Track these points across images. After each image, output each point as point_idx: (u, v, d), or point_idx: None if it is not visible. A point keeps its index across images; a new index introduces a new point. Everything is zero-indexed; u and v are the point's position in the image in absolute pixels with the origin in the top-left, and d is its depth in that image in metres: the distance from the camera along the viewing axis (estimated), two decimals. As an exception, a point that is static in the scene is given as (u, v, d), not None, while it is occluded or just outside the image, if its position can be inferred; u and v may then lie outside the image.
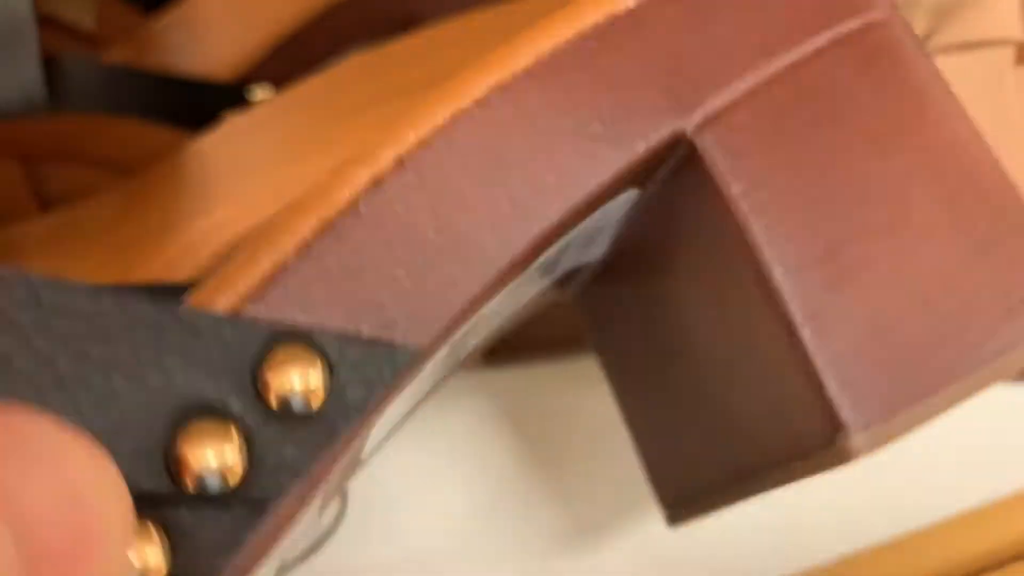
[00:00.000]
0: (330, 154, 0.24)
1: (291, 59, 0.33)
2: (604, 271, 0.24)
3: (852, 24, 0.19)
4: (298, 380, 0.15)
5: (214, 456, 0.15)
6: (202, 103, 0.30)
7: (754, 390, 0.19)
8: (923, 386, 0.17)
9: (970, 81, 0.28)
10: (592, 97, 0.18)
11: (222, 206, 0.24)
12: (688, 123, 0.18)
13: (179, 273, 0.24)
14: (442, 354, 0.19)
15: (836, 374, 0.17)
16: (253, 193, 0.24)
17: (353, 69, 0.27)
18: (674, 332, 0.22)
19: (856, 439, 0.17)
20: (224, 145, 0.27)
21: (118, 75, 0.30)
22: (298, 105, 0.27)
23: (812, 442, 0.18)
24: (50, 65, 0.28)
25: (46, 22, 0.34)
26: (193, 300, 0.17)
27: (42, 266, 0.26)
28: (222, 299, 0.16)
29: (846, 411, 0.17)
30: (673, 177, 0.19)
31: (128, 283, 0.23)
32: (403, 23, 0.34)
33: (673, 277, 0.22)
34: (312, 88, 0.27)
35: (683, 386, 0.23)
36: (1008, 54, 0.29)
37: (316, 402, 0.15)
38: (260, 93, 0.32)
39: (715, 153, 0.18)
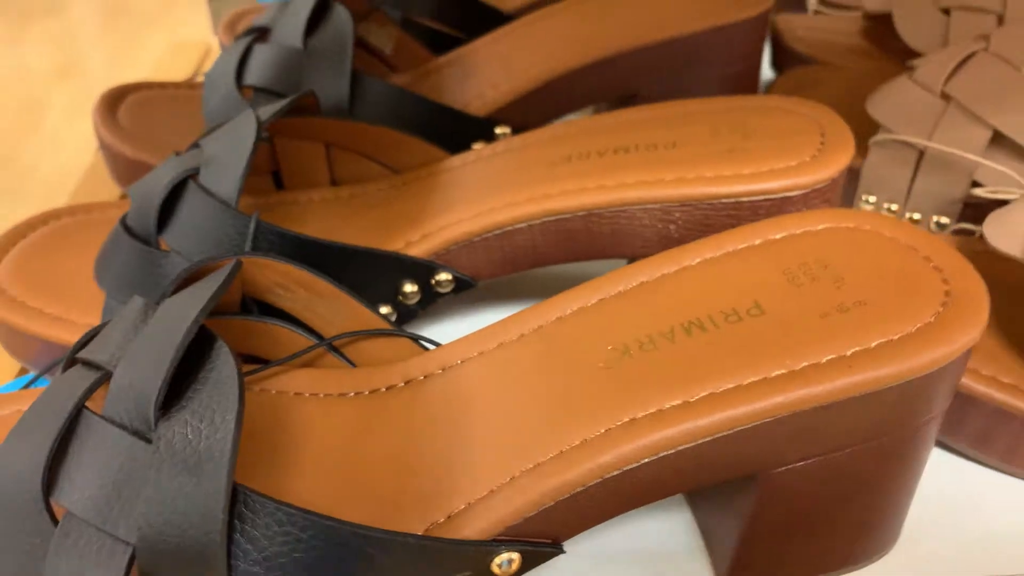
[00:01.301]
0: (537, 190, 0.32)
1: (529, 108, 0.42)
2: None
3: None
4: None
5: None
6: (458, 130, 0.40)
7: None
8: None
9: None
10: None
11: (459, 210, 0.33)
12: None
13: (415, 250, 0.33)
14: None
15: None
16: (482, 205, 0.33)
17: (572, 128, 0.35)
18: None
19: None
20: (470, 165, 0.36)
21: (401, 97, 0.39)
22: (525, 147, 0.35)
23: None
24: (355, 81, 0.39)
25: (358, 43, 0.45)
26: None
27: (321, 224, 0.36)
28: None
29: None
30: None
31: (378, 248, 0.32)
32: (621, 98, 0.43)
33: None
34: (538, 137, 0.35)
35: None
36: None
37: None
38: (500, 130, 0.41)
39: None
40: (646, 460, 0.22)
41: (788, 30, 0.53)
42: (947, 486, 0.30)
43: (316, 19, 0.40)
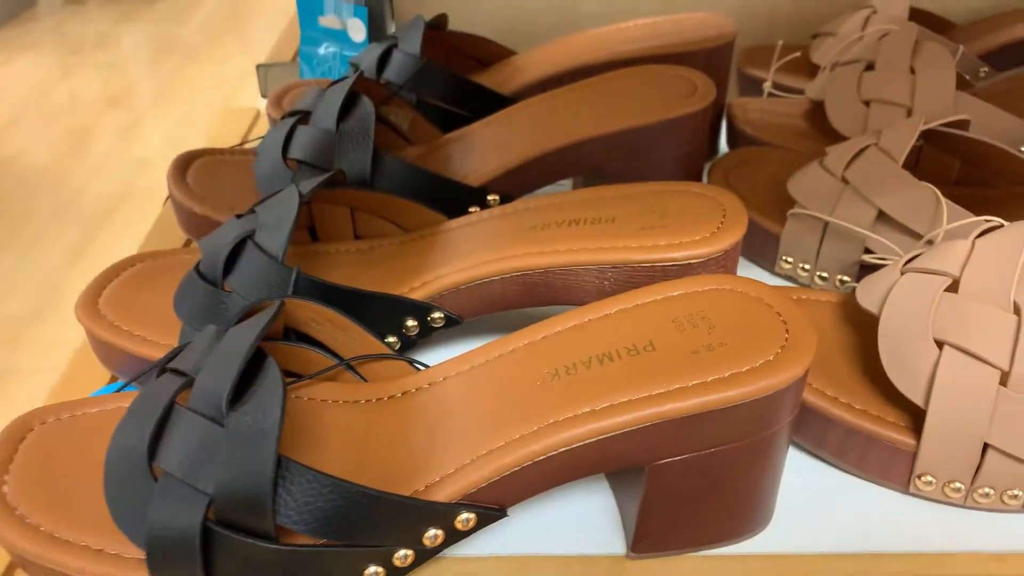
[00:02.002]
0: (508, 251, 0.42)
1: (515, 180, 0.52)
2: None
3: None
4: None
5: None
6: (457, 197, 0.50)
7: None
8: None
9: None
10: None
11: (451, 265, 0.43)
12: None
13: (417, 294, 0.43)
14: None
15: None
16: (468, 262, 0.43)
17: (541, 202, 0.45)
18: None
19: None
20: (462, 228, 0.46)
21: (411, 170, 0.50)
22: (504, 216, 0.45)
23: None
24: (375, 157, 0.49)
25: (380, 121, 0.55)
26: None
27: (345, 271, 0.47)
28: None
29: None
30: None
31: (388, 293, 0.42)
32: (590, 173, 0.53)
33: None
34: (514, 208, 0.46)
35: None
36: None
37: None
38: (491, 197, 0.51)
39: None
40: (563, 449, 0.32)
41: (740, 114, 0.63)
42: (814, 482, 0.39)
43: (347, 107, 0.50)
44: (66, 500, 0.34)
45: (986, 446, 0.36)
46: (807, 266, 0.50)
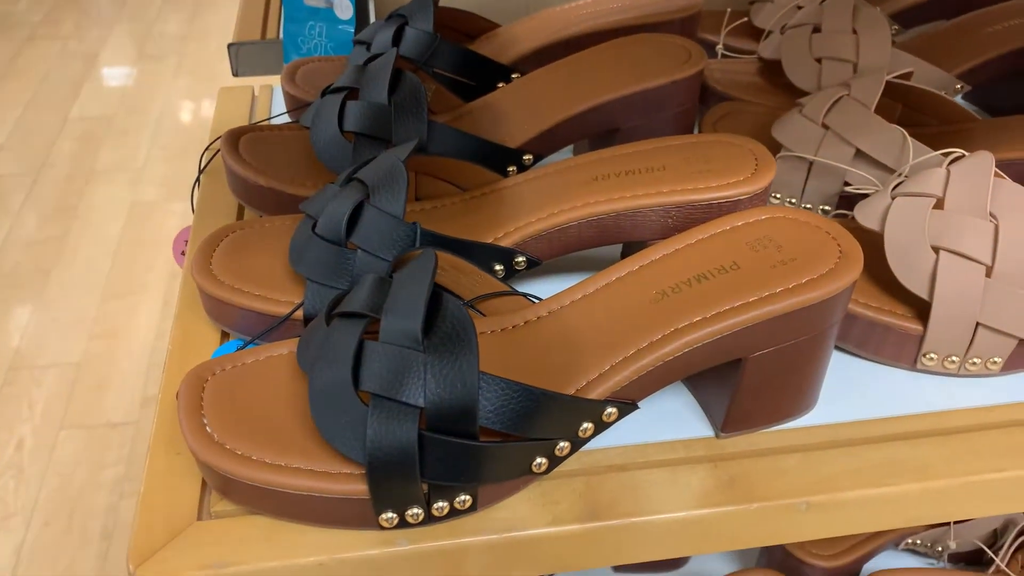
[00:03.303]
0: (579, 200, 0.49)
1: (544, 142, 0.59)
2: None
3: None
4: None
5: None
6: (499, 158, 0.56)
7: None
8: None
9: None
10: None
11: (527, 216, 0.50)
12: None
13: (504, 242, 0.50)
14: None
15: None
16: (542, 212, 0.50)
17: (593, 157, 0.53)
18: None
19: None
20: (526, 184, 0.53)
21: (460, 135, 0.56)
22: (565, 170, 0.53)
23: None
24: (429, 125, 0.55)
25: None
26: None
27: (432, 227, 0.53)
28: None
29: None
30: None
31: (482, 241, 0.49)
32: (607, 132, 0.60)
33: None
34: (574, 163, 0.53)
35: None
36: None
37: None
38: (526, 158, 0.58)
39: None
40: (686, 351, 0.40)
41: (709, 73, 0.72)
42: (844, 370, 0.49)
43: (394, 81, 0.56)
44: (261, 432, 0.40)
45: (977, 325, 0.46)
46: (793, 200, 0.60)
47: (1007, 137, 0.60)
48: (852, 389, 0.48)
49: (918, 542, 0.75)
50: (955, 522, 0.72)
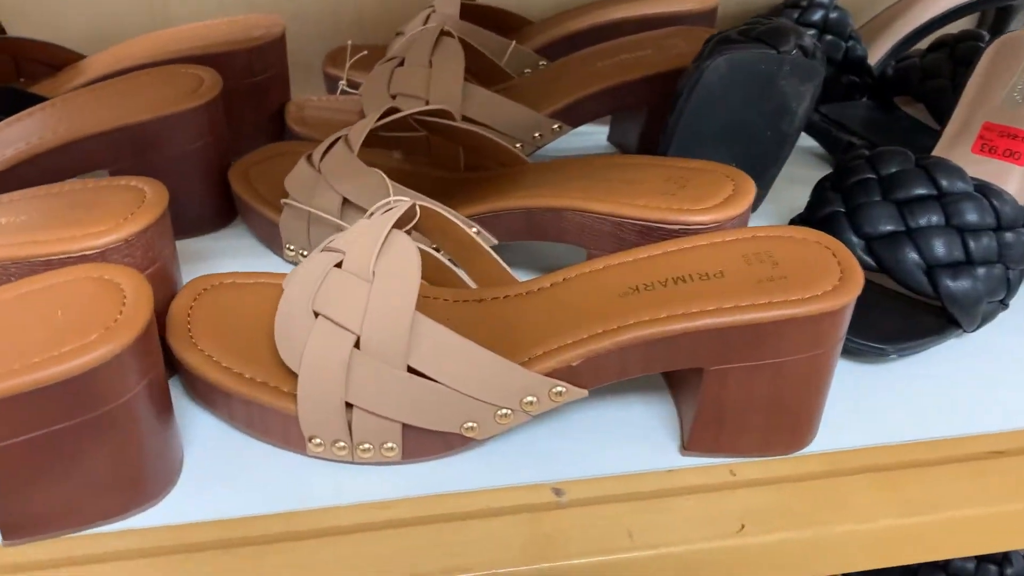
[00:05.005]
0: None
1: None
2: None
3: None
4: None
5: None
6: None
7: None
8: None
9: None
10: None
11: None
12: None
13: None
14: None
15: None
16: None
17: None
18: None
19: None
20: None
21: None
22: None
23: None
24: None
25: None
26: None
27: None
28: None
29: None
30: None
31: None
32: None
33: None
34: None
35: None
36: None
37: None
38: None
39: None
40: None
41: (295, 111, 0.69)
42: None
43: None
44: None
45: (349, 405, 0.39)
46: (305, 252, 0.54)
47: (549, 180, 0.54)
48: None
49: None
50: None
